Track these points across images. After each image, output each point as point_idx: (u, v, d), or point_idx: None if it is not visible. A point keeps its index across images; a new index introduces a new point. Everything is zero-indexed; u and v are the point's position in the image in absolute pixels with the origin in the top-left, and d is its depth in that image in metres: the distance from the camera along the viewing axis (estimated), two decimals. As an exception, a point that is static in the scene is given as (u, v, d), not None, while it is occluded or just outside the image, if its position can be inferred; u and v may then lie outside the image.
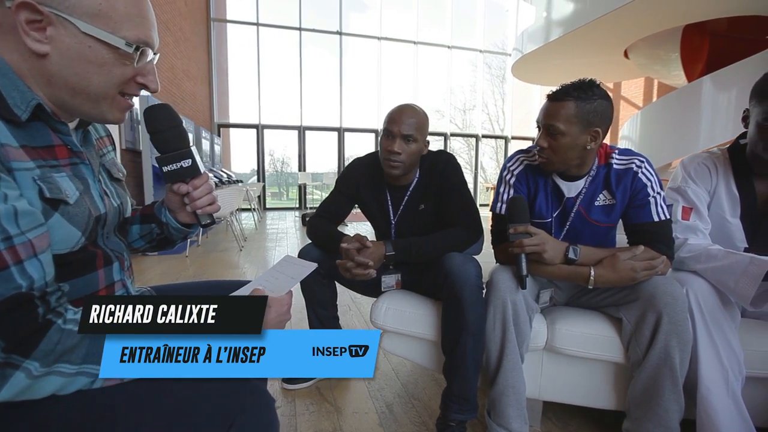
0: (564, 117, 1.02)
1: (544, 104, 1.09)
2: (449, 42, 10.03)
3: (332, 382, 1.53)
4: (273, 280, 0.82)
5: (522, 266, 1.03)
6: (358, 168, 1.39)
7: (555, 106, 1.04)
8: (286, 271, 0.82)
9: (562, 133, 1.03)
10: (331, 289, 1.43)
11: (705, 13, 4.61)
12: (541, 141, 1.06)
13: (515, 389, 1.08)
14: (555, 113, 1.03)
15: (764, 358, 1.03)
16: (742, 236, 1.16)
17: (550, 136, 1.05)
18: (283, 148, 10.58)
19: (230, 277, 3.17)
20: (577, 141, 1.04)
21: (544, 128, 1.06)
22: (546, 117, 1.06)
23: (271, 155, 11.72)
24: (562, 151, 1.04)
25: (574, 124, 1.02)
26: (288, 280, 0.79)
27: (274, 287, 0.79)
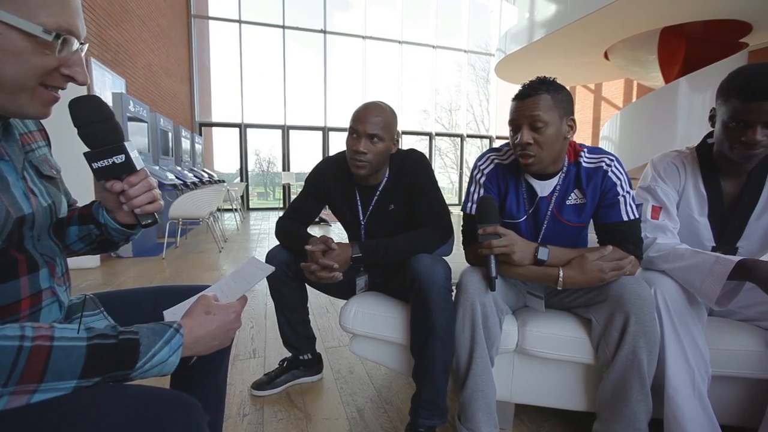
0: (544, 107, 1.01)
1: (515, 104, 1.06)
2: (434, 42, 10.05)
3: (303, 387, 1.48)
4: (232, 284, 0.77)
5: (491, 267, 1.00)
6: (328, 167, 1.35)
7: (532, 100, 1.02)
8: (245, 275, 0.78)
9: (546, 124, 1.01)
10: (300, 292, 1.38)
11: (681, 17, 4.71)
12: (525, 137, 1.02)
13: (484, 393, 1.06)
14: (534, 106, 1.01)
15: (730, 357, 1.03)
16: (709, 235, 1.16)
17: (534, 131, 1.02)
18: (270, 147, 10.47)
19: (207, 279, 3.09)
20: (560, 130, 1.03)
21: (526, 123, 1.02)
22: (526, 111, 1.02)
23: (257, 155, 11.59)
24: (549, 143, 1.02)
25: (554, 113, 1.01)
26: (243, 285, 0.75)
27: (229, 292, 0.75)
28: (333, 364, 1.68)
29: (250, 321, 2.16)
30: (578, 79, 8.23)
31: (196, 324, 0.61)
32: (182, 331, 0.58)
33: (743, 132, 0.98)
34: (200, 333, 0.61)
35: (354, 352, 1.30)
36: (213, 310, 0.64)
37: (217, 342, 0.64)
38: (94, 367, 0.50)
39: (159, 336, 0.55)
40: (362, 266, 1.35)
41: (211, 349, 0.64)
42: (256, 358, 1.73)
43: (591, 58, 6.32)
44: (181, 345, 0.57)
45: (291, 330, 1.42)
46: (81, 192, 0.86)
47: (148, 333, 0.55)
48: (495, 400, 1.09)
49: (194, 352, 0.61)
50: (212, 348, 0.64)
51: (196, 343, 0.60)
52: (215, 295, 0.68)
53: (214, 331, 0.63)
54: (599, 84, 8.61)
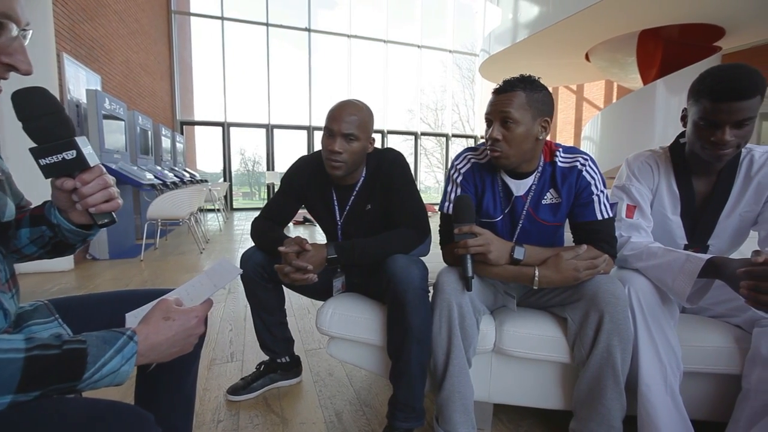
0: (517, 105, 1.01)
1: (492, 98, 1.06)
2: (419, 41, 10.07)
3: (281, 391, 1.45)
4: (198, 287, 0.75)
5: (467, 267, 0.99)
6: (304, 167, 1.32)
7: (506, 96, 1.02)
8: (212, 277, 0.75)
9: (516, 122, 1.01)
10: (277, 294, 1.35)
11: (658, 20, 4.83)
12: (495, 133, 1.03)
13: (461, 394, 1.05)
14: (507, 102, 1.01)
15: (701, 353, 1.05)
16: (682, 233, 1.18)
17: (503, 127, 1.02)
18: (255, 147, 10.32)
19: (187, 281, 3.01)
20: (531, 130, 1.03)
21: (498, 119, 1.03)
22: (498, 107, 1.03)
23: (242, 154, 11.42)
24: (517, 141, 1.02)
25: (526, 112, 1.01)
26: (209, 288, 0.73)
27: (195, 295, 0.72)
28: (312, 366, 1.65)
29: (229, 324, 2.12)
30: (561, 80, 8.36)
31: (153, 330, 0.58)
32: (137, 338, 0.55)
33: (713, 132, 0.99)
34: (157, 340, 0.58)
35: (331, 355, 1.27)
36: (172, 315, 0.61)
37: (176, 349, 0.61)
38: (34, 381, 0.46)
39: (110, 344, 0.52)
40: (339, 267, 1.33)
41: (170, 356, 0.61)
42: (234, 361, 1.68)
43: (573, 60, 6.42)
44: (135, 353, 0.54)
45: (268, 333, 1.39)
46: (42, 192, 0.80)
47: (97, 341, 0.52)
48: (473, 401, 1.08)
49: (151, 360, 0.58)
50: (172, 355, 0.61)
51: (152, 350, 0.57)
52: (178, 299, 0.65)
53: (173, 338, 0.60)
54: (581, 85, 8.76)
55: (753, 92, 0.93)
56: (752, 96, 0.94)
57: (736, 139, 0.98)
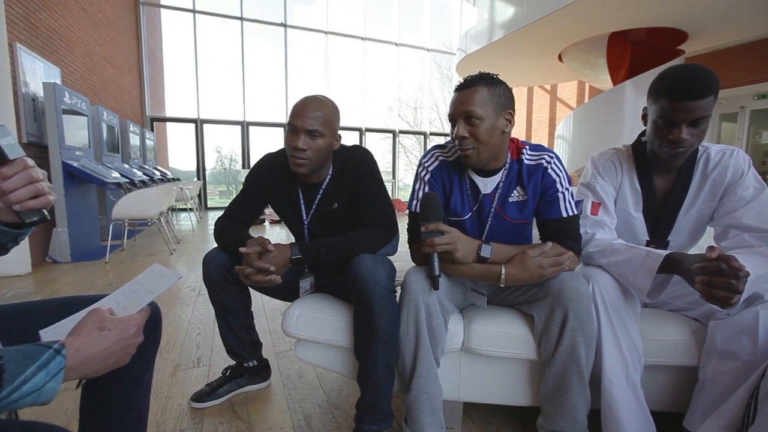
0: (479, 101, 1.01)
1: (454, 96, 1.06)
2: (397, 39, 10.05)
3: (248, 396, 1.41)
4: (131, 295, 0.70)
5: (434, 266, 0.99)
6: (268, 164, 1.27)
7: (467, 93, 1.02)
8: (146, 284, 0.71)
9: (480, 118, 1.01)
10: (242, 296, 1.30)
11: (626, 23, 4.98)
12: (461, 131, 1.02)
13: (429, 395, 1.04)
14: (469, 100, 1.01)
15: (661, 347, 1.07)
16: (644, 229, 1.21)
17: (469, 124, 1.02)
18: (231, 144, 10.06)
19: (154, 283, 2.89)
20: (496, 124, 1.03)
21: (462, 117, 1.03)
22: (461, 105, 1.03)
23: (218, 152, 11.11)
24: (484, 136, 1.02)
25: (489, 107, 1.01)
26: (145, 295, 0.68)
27: (128, 304, 0.68)
28: (283, 369, 1.61)
29: (197, 327, 2.04)
30: (535, 80, 8.53)
31: (86, 342, 0.54)
32: (65, 351, 0.51)
33: (670, 130, 1.02)
34: (90, 352, 0.53)
35: (299, 358, 1.24)
36: (108, 324, 0.56)
37: (113, 360, 0.57)
38: None
39: (32, 359, 0.48)
40: (306, 268, 1.29)
41: (106, 368, 0.56)
42: (200, 366, 1.62)
43: (547, 60, 6.55)
44: (62, 368, 0.50)
45: (233, 336, 1.34)
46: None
47: (16, 356, 0.47)
48: (441, 401, 1.07)
49: (83, 374, 0.54)
50: (108, 368, 0.57)
51: (85, 363, 0.53)
52: (110, 308, 0.61)
53: (109, 349, 0.55)
54: (555, 85, 8.96)
55: (707, 92, 0.96)
56: (706, 96, 0.96)
57: (691, 138, 1.01)
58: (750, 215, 1.05)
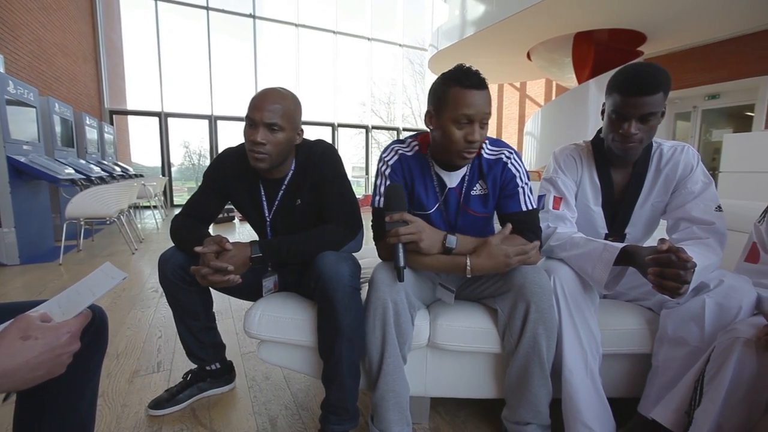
0: (490, 104, 1.00)
1: (474, 95, 0.95)
2: (369, 34, 9.97)
3: (211, 401, 1.36)
4: (74, 297, 0.64)
5: (399, 257, 0.96)
6: (228, 159, 1.22)
7: (487, 95, 0.98)
8: (91, 285, 0.66)
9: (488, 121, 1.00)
10: (202, 297, 1.25)
11: (589, 24, 5.16)
12: (478, 135, 0.97)
13: (396, 393, 1.03)
14: (489, 102, 0.98)
15: (617, 336, 1.11)
16: (603, 223, 1.24)
17: (482, 128, 0.98)
18: (200, 139, 9.67)
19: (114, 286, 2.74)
20: None
21: (480, 120, 0.97)
22: (482, 107, 0.96)
23: (185, 147, 10.67)
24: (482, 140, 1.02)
25: None
26: (87, 297, 0.63)
27: (69, 307, 0.62)
28: (248, 371, 1.56)
29: (158, 330, 1.95)
30: (505, 77, 8.71)
31: (7, 353, 0.49)
32: None
33: (621, 124, 1.05)
34: (12, 364, 0.49)
35: (262, 359, 1.20)
36: (34, 332, 0.52)
37: (41, 372, 0.52)
38: None
39: None
40: (270, 266, 1.26)
41: (34, 381, 0.51)
42: (161, 371, 1.55)
43: (516, 58, 6.69)
44: None
45: (193, 339, 1.28)
46: None
47: None
48: (408, 398, 1.07)
49: (6, 388, 0.49)
50: (36, 380, 0.52)
51: (6, 377, 0.48)
52: (45, 314, 0.56)
53: (35, 360, 0.51)
54: (524, 83, 9.18)
55: (656, 89, 0.99)
56: (655, 92, 1.00)
57: (641, 133, 1.05)
58: (698, 208, 1.10)
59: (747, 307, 0.95)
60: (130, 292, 2.56)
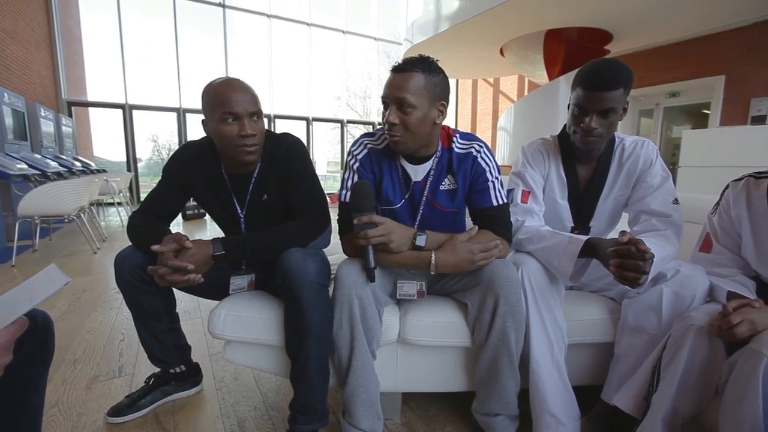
0: (413, 89, 0.98)
1: (390, 77, 1.01)
2: (344, 27, 9.84)
3: (176, 405, 1.31)
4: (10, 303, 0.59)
5: (369, 258, 0.96)
6: (189, 153, 1.16)
7: (403, 78, 0.98)
8: (32, 289, 0.60)
9: (413, 107, 0.98)
10: (164, 297, 1.19)
11: (559, 22, 5.27)
12: (392, 117, 0.98)
13: (366, 388, 1.02)
14: (404, 85, 0.97)
15: (582, 326, 1.14)
16: (569, 216, 1.27)
17: (401, 111, 0.98)
18: (169, 133, 9.31)
19: (76, 286, 2.59)
20: (428, 115, 1.01)
21: (394, 103, 0.99)
22: (395, 90, 0.98)
23: (153, 141, 10.25)
24: (414, 126, 0.99)
25: (424, 97, 0.99)
26: (24, 303, 0.58)
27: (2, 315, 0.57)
28: (216, 372, 1.51)
29: (121, 333, 1.86)
30: (479, 73, 8.80)
31: None
32: None
33: (582, 119, 1.07)
34: None
35: (229, 360, 1.16)
36: None
37: None
38: None
39: None
40: (244, 264, 1.22)
41: None
42: (122, 376, 1.48)
43: (489, 54, 6.76)
44: None
45: (155, 342, 1.22)
46: None
47: None
48: (378, 394, 1.06)
49: None
50: None
51: None
52: None
53: None
54: (497, 78, 9.31)
55: (616, 84, 1.02)
56: (615, 88, 1.02)
57: (600, 128, 1.07)
58: (657, 201, 1.14)
59: (700, 295, 1.00)
60: (91, 294, 2.43)
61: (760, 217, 0.99)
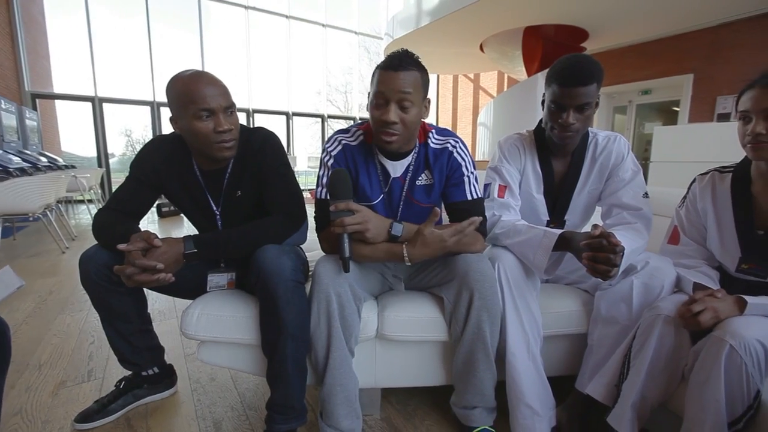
0: (414, 86, 0.96)
1: (389, 75, 0.95)
2: (324, 20, 9.70)
3: (149, 408, 1.27)
4: None
5: (344, 247, 0.93)
6: (159, 148, 1.12)
7: (405, 75, 0.95)
8: None
9: (413, 104, 0.96)
10: (134, 298, 1.15)
11: (536, 19, 5.35)
12: (392, 116, 0.95)
13: (344, 386, 1.01)
14: (407, 83, 0.94)
15: (557, 318, 1.16)
16: (545, 210, 1.29)
17: (401, 109, 0.96)
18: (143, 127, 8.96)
19: (41, 288, 2.47)
20: (420, 110, 1.00)
21: (395, 100, 0.95)
22: (398, 87, 0.94)
23: (127, 135, 9.88)
24: (411, 123, 0.98)
25: (419, 94, 0.98)
26: None
27: None
28: (192, 373, 1.47)
29: (90, 335, 1.79)
30: (460, 69, 8.85)
31: None
32: None
33: (560, 114, 1.09)
34: None
35: (203, 361, 1.13)
36: None
37: None
38: None
39: None
40: (222, 262, 1.19)
41: None
42: (92, 381, 1.42)
43: (469, 49, 6.80)
44: None
45: (126, 344, 1.18)
46: None
47: None
48: (357, 392, 1.06)
49: None
50: None
51: None
52: None
53: None
54: (477, 74, 9.39)
55: (591, 80, 1.04)
56: (590, 83, 1.04)
57: (578, 123, 1.09)
58: (628, 195, 1.17)
59: (668, 286, 1.03)
60: (58, 295, 2.33)
61: (724, 210, 1.03)
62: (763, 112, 0.88)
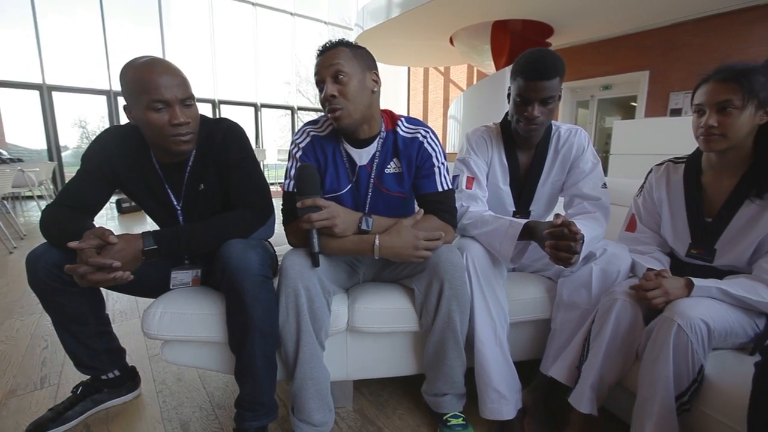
0: (344, 59, 0.98)
1: (318, 60, 1.01)
2: (292, 9, 9.44)
3: (110, 413, 1.21)
4: None
5: (313, 243, 0.93)
6: (114, 139, 1.05)
7: (331, 54, 0.99)
8: None
9: (347, 74, 0.98)
10: (89, 298, 1.08)
11: (503, 14, 5.44)
12: (330, 90, 0.97)
13: (315, 380, 1.00)
14: (334, 58, 0.98)
15: (523, 305, 1.20)
16: (511, 201, 1.32)
17: (337, 83, 0.98)
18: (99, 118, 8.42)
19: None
20: (364, 82, 1.01)
21: (329, 76, 0.98)
22: (327, 65, 0.98)
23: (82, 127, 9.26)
24: (353, 94, 0.99)
25: (355, 64, 1.00)
26: None
27: None
28: (157, 374, 1.42)
29: (43, 340, 1.69)
30: (430, 61, 8.89)
31: None
32: None
33: (525, 107, 1.11)
34: None
35: (168, 361, 1.09)
36: None
37: None
38: None
39: None
40: (187, 258, 1.14)
41: None
42: (45, 388, 1.34)
43: (439, 42, 6.83)
44: None
45: (82, 347, 1.12)
46: None
47: None
48: (328, 385, 1.05)
49: None
50: None
51: None
52: None
53: None
54: (448, 67, 9.46)
55: (554, 74, 1.07)
56: (554, 77, 1.07)
57: (542, 116, 1.12)
58: (588, 185, 1.22)
59: (624, 271, 1.09)
60: (6, 299, 2.17)
61: (677, 199, 1.10)
62: (716, 105, 0.94)
